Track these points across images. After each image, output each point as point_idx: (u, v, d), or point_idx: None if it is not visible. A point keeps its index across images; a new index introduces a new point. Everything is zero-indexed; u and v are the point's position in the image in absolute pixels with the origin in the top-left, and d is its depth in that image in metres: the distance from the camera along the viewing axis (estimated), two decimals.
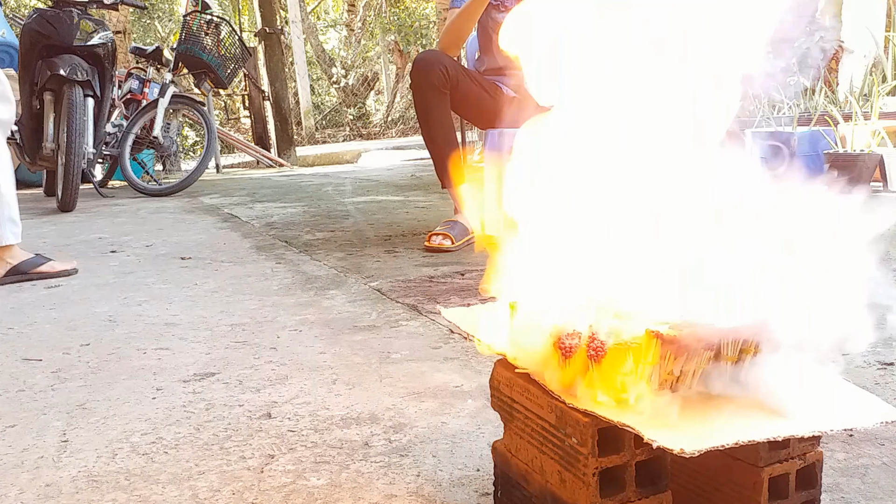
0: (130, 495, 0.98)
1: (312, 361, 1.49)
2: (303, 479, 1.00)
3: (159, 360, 1.54)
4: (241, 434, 1.15)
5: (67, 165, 4.09)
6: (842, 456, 0.99)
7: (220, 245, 2.97)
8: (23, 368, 1.52)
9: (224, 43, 5.31)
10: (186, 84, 6.88)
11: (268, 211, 3.97)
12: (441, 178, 2.70)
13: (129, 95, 5.33)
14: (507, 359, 0.83)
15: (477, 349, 0.85)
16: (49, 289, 2.27)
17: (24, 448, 1.13)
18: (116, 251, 2.91)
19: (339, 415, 1.21)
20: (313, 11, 13.64)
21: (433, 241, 2.61)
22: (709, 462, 0.79)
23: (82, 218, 3.95)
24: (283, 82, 8.13)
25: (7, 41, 5.89)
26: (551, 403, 0.75)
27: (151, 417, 1.24)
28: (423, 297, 1.96)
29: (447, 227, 2.66)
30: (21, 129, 4.59)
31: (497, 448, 0.88)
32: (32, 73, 4.32)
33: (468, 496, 0.94)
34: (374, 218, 3.52)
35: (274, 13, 8.17)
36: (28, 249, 2.52)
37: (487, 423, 1.14)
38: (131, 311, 1.96)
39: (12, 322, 1.90)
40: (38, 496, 0.98)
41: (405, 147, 8.73)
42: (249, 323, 1.79)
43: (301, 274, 2.34)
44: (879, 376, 1.27)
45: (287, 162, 7.88)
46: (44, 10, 4.38)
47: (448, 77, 2.59)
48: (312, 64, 12.68)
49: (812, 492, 0.78)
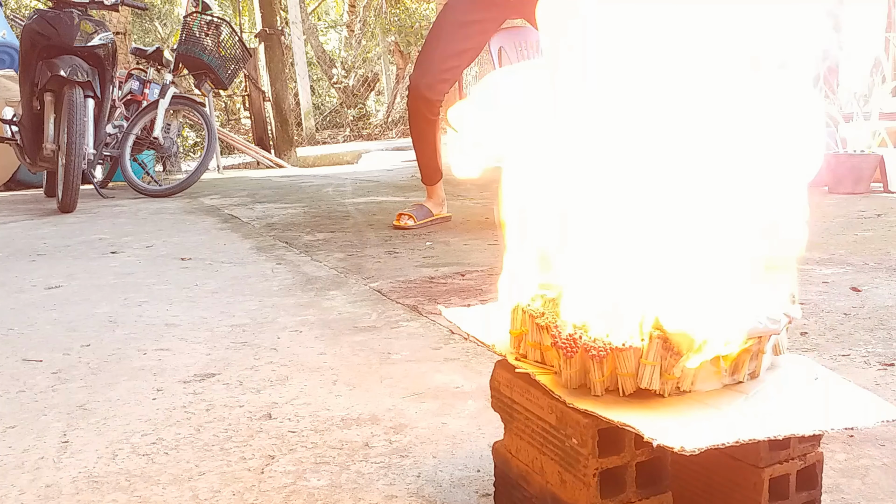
0: (131, 496, 0.98)
1: (313, 362, 1.49)
2: (303, 479, 1.00)
3: (160, 360, 1.54)
4: (241, 435, 1.15)
5: (68, 166, 4.08)
6: (842, 457, 0.99)
7: (221, 246, 2.97)
8: (23, 369, 1.52)
9: (224, 44, 5.31)
10: (187, 85, 6.88)
11: (268, 212, 3.97)
12: (422, 178, 3.30)
13: (130, 96, 5.32)
14: (508, 359, 0.83)
15: (477, 350, 0.85)
16: (49, 289, 2.27)
17: (25, 449, 1.13)
18: (117, 252, 2.91)
19: (339, 415, 1.21)
20: (314, 12, 13.64)
21: (400, 220, 3.15)
22: (709, 463, 0.79)
23: (83, 219, 3.95)
24: (284, 83, 8.13)
25: (7, 42, 5.90)
26: (552, 404, 0.75)
27: (152, 418, 1.24)
28: (423, 297, 1.95)
29: (413, 209, 3.20)
30: (21, 129, 4.58)
31: (497, 449, 0.88)
32: (33, 73, 4.32)
33: (468, 497, 0.94)
34: (375, 219, 3.52)
35: (274, 14, 8.17)
36: (28, 250, 2.52)
37: (488, 423, 1.14)
38: (132, 312, 1.96)
39: (13, 323, 1.90)
40: (39, 497, 0.98)
41: (405, 148, 8.71)
42: (250, 324, 1.79)
43: (301, 275, 2.34)
44: (880, 377, 1.27)
45: (287, 163, 7.88)
46: (44, 11, 4.38)
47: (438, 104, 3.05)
48: (313, 65, 12.67)
49: (812, 493, 0.77)
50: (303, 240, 3.00)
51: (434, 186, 3.27)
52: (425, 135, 3.17)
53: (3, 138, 4.81)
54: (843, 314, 1.64)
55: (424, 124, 3.13)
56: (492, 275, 2.16)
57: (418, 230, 3.12)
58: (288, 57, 9.94)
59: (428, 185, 3.28)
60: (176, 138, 5.38)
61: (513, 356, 0.82)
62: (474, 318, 0.94)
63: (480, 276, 2.19)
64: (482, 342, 0.88)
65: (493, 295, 0.89)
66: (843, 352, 1.40)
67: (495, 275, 1.13)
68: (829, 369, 0.82)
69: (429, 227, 3.20)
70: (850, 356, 1.38)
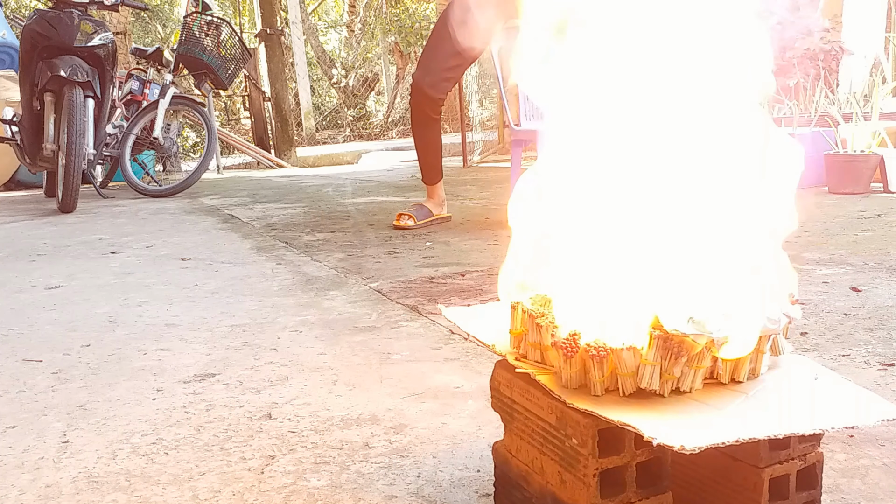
0: (131, 496, 0.98)
1: (313, 362, 1.49)
2: (303, 479, 1.00)
3: (160, 360, 1.54)
4: (241, 435, 1.15)
5: (68, 166, 4.08)
6: (842, 457, 0.99)
7: (221, 246, 2.97)
8: (23, 369, 1.52)
9: (224, 44, 5.31)
10: (187, 85, 6.87)
11: (268, 212, 3.97)
12: (423, 177, 3.33)
13: (130, 96, 5.33)
14: (508, 359, 0.83)
15: (477, 350, 0.85)
16: (49, 289, 2.27)
17: (25, 449, 1.13)
18: (117, 252, 2.91)
19: (339, 416, 1.21)
20: (314, 12, 13.64)
21: (400, 220, 3.16)
22: (709, 463, 0.79)
23: (83, 219, 3.95)
24: (284, 83, 8.13)
25: (7, 42, 5.90)
26: (552, 404, 0.75)
27: (152, 418, 1.24)
28: (423, 297, 1.95)
29: (413, 209, 3.21)
30: (21, 129, 4.58)
31: (497, 449, 0.88)
32: (33, 74, 4.32)
33: (468, 497, 0.94)
34: (375, 219, 3.52)
35: (274, 14, 8.16)
36: (29, 250, 2.52)
37: (488, 423, 1.14)
38: (132, 312, 1.96)
39: (13, 323, 1.90)
40: (39, 497, 0.98)
41: (405, 148, 8.72)
42: (250, 324, 1.79)
43: (301, 275, 2.34)
44: (880, 377, 1.27)
45: (287, 163, 7.88)
46: (44, 11, 4.38)
47: (441, 102, 3.09)
48: (313, 65, 12.67)
49: (812, 493, 0.77)
50: (303, 240, 3.00)
51: (434, 186, 3.29)
52: (427, 134, 3.19)
53: (3, 138, 4.81)
54: (843, 314, 1.64)
55: (426, 123, 3.15)
56: (492, 275, 2.16)
57: (418, 230, 3.12)
58: (288, 57, 9.94)
59: (428, 184, 3.31)
60: (176, 138, 5.38)
61: (513, 356, 0.82)
62: (474, 318, 0.94)
63: (480, 276, 2.19)
64: (482, 342, 0.88)
65: (493, 295, 0.89)
66: (843, 352, 1.40)
67: (495, 275, 1.13)
68: (829, 369, 0.82)
69: (429, 227, 3.20)
70: (850, 356, 1.38)
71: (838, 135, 3.70)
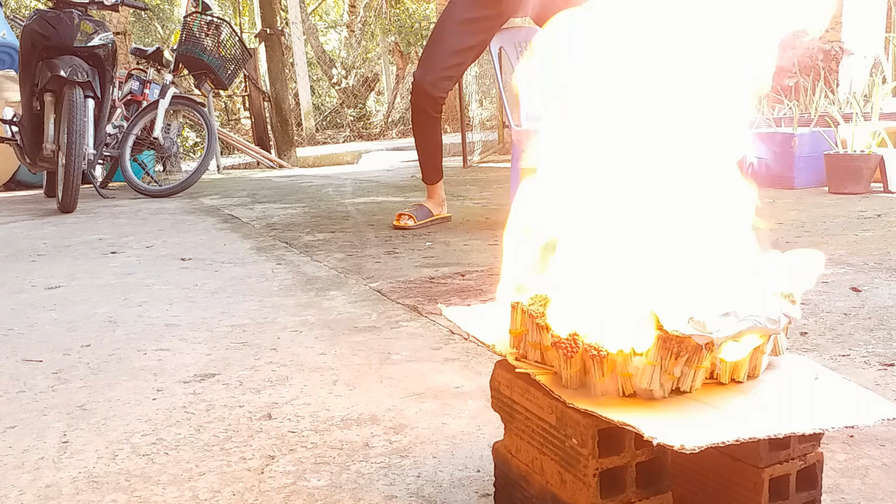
0: (131, 496, 0.98)
1: (313, 362, 1.49)
2: (303, 480, 1.00)
3: (160, 360, 1.54)
4: (241, 435, 1.15)
5: (68, 166, 4.08)
6: (842, 457, 0.99)
7: (221, 246, 2.97)
8: (23, 369, 1.52)
9: (224, 44, 5.31)
10: (187, 85, 6.87)
11: (268, 212, 3.97)
12: (423, 177, 3.33)
13: (130, 96, 5.33)
14: (508, 359, 0.83)
15: (477, 350, 0.85)
16: (49, 289, 2.27)
17: (25, 449, 1.13)
18: (117, 252, 2.91)
19: (339, 416, 1.21)
20: (314, 12, 13.64)
21: (400, 220, 3.16)
22: (709, 463, 0.79)
23: (83, 219, 3.95)
24: (284, 83, 8.13)
25: (7, 42, 5.90)
26: (552, 404, 0.75)
27: (152, 418, 1.24)
28: (423, 297, 1.95)
29: (413, 209, 3.21)
30: (21, 130, 4.58)
31: (497, 449, 0.88)
32: (33, 74, 4.32)
33: (468, 497, 0.94)
34: (375, 219, 3.52)
35: (274, 14, 8.16)
36: (29, 250, 2.52)
37: (488, 423, 1.14)
38: (132, 312, 1.96)
39: (13, 323, 1.90)
40: (39, 497, 0.98)
41: (405, 148, 8.72)
42: (250, 324, 1.79)
43: (301, 275, 2.34)
44: (880, 377, 1.27)
45: (287, 163, 7.88)
46: (44, 11, 4.38)
47: (441, 101, 3.08)
48: (313, 65, 12.68)
49: (812, 493, 0.77)
50: (303, 240, 3.00)
51: (434, 186, 3.29)
52: (428, 133, 3.19)
53: (3, 138, 4.81)
54: (843, 314, 1.64)
55: (427, 122, 3.15)
56: (492, 275, 2.16)
57: (418, 230, 3.12)
58: (288, 57, 9.94)
59: (428, 184, 3.31)
60: (176, 138, 5.38)
61: (513, 356, 0.82)
62: (474, 318, 0.94)
63: (480, 276, 2.19)
64: (482, 342, 0.88)
65: (493, 295, 0.89)
66: (843, 352, 1.40)
67: (495, 275, 1.13)
68: (829, 369, 0.82)
69: (429, 227, 3.20)
70: (850, 356, 1.38)
71: (838, 135, 3.70)
